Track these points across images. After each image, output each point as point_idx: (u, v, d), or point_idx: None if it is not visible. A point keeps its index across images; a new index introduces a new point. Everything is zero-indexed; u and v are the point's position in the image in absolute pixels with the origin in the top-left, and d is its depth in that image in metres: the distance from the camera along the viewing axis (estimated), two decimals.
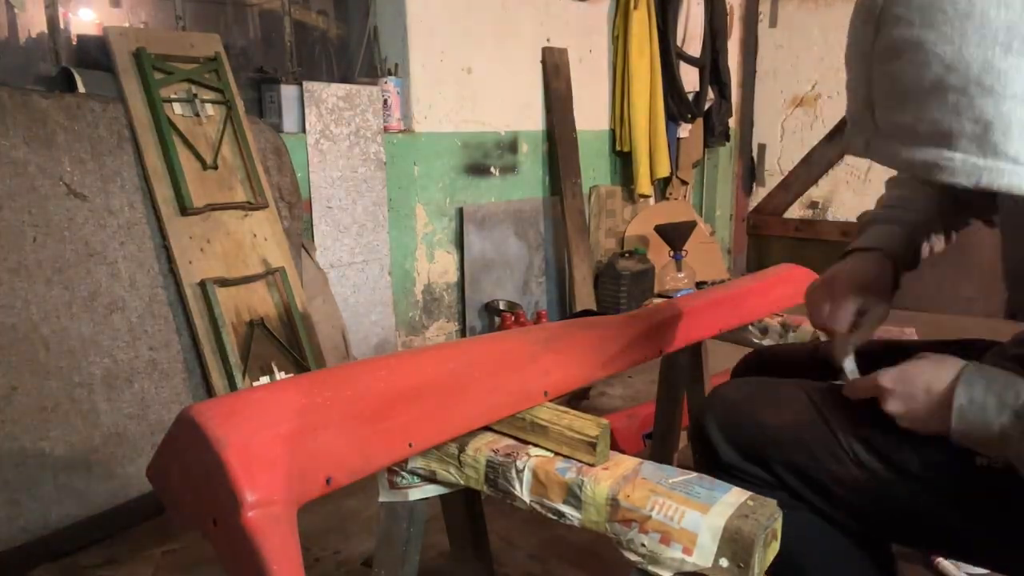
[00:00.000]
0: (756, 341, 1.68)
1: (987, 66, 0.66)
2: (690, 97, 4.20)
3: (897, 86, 0.72)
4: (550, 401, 0.99)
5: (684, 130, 4.32)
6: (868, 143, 0.77)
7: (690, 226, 3.98)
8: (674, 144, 4.23)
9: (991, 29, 0.65)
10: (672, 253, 3.92)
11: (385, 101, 2.93)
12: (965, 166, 0.69)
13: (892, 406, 0.88)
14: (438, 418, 0.88)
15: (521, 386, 0.96)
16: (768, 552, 0.73)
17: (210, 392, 2.19)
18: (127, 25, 2.53)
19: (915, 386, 0.87)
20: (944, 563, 1.71)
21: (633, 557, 0.77)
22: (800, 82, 4.61)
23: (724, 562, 0.71)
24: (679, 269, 3.90)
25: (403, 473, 1.01)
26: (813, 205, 4.79)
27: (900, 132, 0.73)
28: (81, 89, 2.12)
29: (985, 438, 0.81)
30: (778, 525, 0.75)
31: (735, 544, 0.71)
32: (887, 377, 0.89)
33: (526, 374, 0.98)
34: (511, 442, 0.97)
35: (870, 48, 0.73)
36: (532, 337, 1.06)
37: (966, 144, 0.69)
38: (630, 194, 4.13)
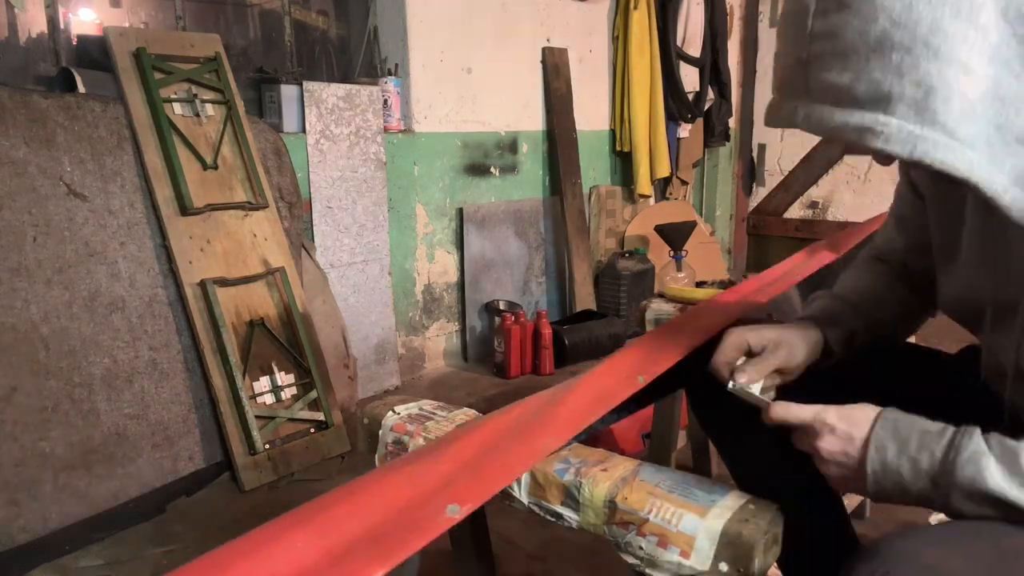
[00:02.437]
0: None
1: (935, 26, 0.62)
2: (690, 97, 4.20)
3: (838, 42, 0.66)
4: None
5: (684, 130, 4.31)
6: (798, 110, 0.70)
7: (690, 226, 3.97)
8: (674, 144, 4.23)
9: None
10: (672, 253, 3.91)
11: (385, 101, 2.93)
12: (901, 133, 0.65)
13: (828, 444, 0.78)
14: None
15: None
16: (768, 556, 0.73)
17: (211, 392, 2.19)
18: (127, 25, 2.53)
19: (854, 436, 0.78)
20: None
21: (631, 560, 0.77)
22: None
23: (724, 566, 0.71)
24: (679, 269, 3.89)
25: None
26: (813, 205, 4.79)
27: (835, 94, 0.67)
28: (81, 89, 2.12)
29: (902, 499, 0.75)
30: (779, 530, 0.75)
31: (735, 548, 0.71)
32: (833, 414, 0.79)
33: None
34: None
35: (812, 3, 0.68)
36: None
37: (904, 109, 0.64)
38: (630, 194, 4.12)
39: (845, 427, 0.77)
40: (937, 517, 1.67)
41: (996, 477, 0.69)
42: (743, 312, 1.28)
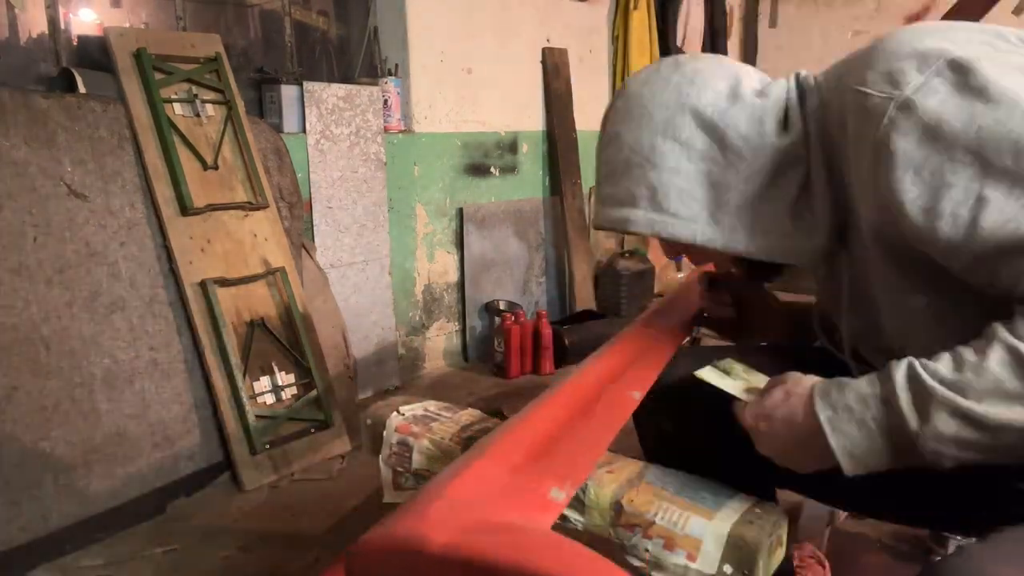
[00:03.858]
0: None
1: (652, 148, 0.93)
2: None
3: (607, 166, 0.98)
4: None
5: None
6: (597, 213, 1.01)
7: None
8: None
9: (655, 122, 0.93)
10: None
11: (385, 101, 2.93)
12: (645, 220, 0.94)
13: (763, 447, 0.83)
14: None
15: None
16: (773, 559, 0.73)
17: (211, 392, 2.19)
18: (127, 25, 2.52)
19: (775, 421, 0.81)
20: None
21: (637, 563, 0.77)
22: None
23: (728, 568, 0.71)
24: (679, 269, 3.90)
25: (407, 475, 1.01)
26: None
27: (608, 199, 0.98)
28: (82, 89, 2.12)
29: (869, 445, 0.74)
30: (783, 532, 0.75)
31: (739, 551, 0.71)
32: (749, 414, 0.84)
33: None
34: None
35: (598, 144, 1.01)
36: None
37: (645, 204, 0.94)
38: None
39: (783, 388, 0.83)
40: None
41: (932, 367, 0.73)
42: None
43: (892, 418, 0.73)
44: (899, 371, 0.73)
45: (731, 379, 0.92)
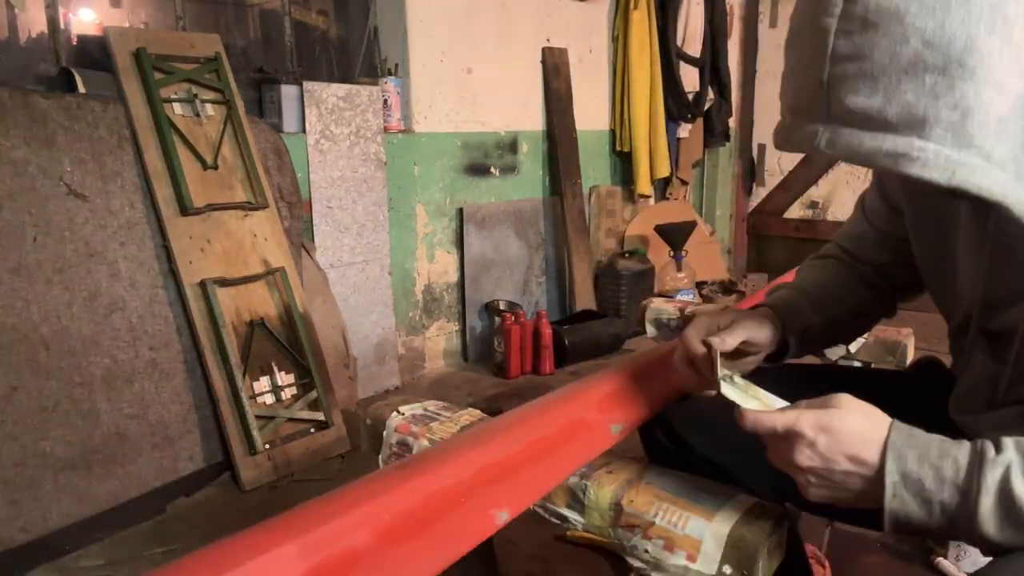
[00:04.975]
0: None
1: (969, 45, 0.59)
2: (690, 97, 4.20)
3: (866, 63, 0.62)
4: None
5: (684, 130, 4.31)
6: (819, 133, 0.66)
7: (690, 226, 3.97)
8: (674, 144, 4.23)
9: (976, 5, 0.59)
10: (672, 253, 3.92)
11: (385, 101, 2.93)
12: (939, 158, 0.61)
13: (805, 459, 0.70)
14: None
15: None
16: (772, 560, 0.72)
17: (211, 392, 2.19)
18: (127, 25, 2.53)
19: (841, 446, 0.69)
20: (944, 562, 1.71)
21: (636, 563, 0.77)
22: None
23: (728, 569, 0.71)
24: (679, 269, 3.90)
25: None
26: (813, 205, 4.79)
27: (865, 118, 0.63)
28: (81, 89, 2.12)
29: (922, 520, 0.67)
30: (783, 533, 0.75)
31: (739, 551, 0.71)
32: (808, 423, 0.70)
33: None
34: None
35: (833, 19, 0.63)
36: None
37: (940, 133, 0.61)
38: (630, 194, 4.12)
39: (825, 440, 0.69)
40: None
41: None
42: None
43: (962, 510, 0.65)
44: (991, 472, 0.64)
45: (750, 398, 0.80)
